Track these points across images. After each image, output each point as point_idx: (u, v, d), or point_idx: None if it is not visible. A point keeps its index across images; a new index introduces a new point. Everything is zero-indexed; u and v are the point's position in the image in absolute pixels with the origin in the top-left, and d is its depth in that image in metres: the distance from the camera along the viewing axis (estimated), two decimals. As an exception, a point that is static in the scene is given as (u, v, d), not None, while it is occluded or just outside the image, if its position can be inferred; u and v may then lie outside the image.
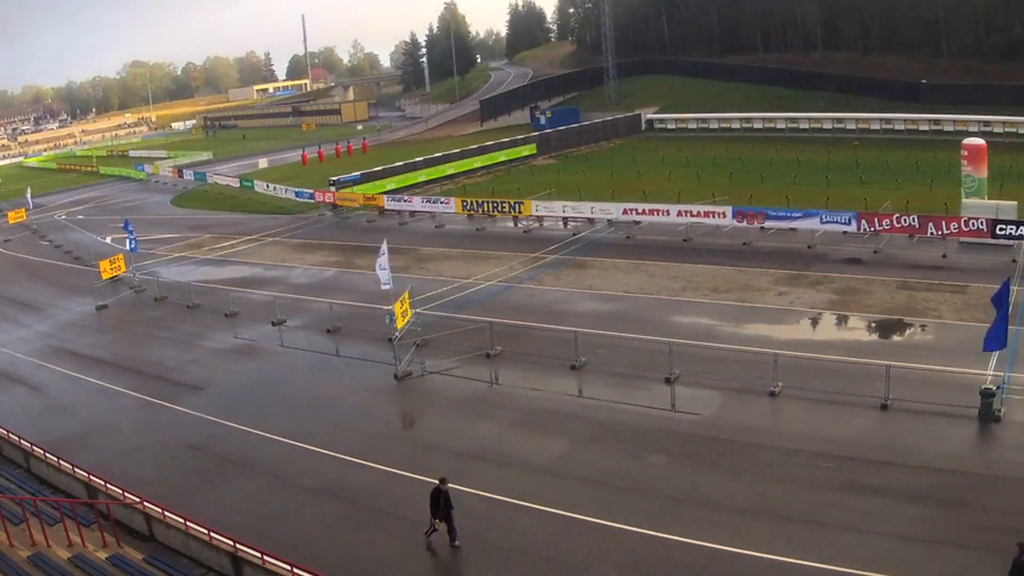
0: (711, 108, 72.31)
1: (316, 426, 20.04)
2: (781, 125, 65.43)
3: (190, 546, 14.69)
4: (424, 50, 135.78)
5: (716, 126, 69.15)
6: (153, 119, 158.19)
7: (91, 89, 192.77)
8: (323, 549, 14.80)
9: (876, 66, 70.84)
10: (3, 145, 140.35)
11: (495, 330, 23.74)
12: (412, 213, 46.61)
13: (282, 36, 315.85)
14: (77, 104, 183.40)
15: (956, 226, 29.93)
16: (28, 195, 60.53)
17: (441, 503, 14.41)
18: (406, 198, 48.30)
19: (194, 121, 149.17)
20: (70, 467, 17.54)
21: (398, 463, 17.82)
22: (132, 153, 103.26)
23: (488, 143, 63.52)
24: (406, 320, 23.58)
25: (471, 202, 43.94)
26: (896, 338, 23.08)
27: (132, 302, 32.63)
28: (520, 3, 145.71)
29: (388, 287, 24.63)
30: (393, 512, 16.04)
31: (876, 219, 31.67)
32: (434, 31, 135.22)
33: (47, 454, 18.31)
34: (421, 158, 58.10)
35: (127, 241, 36.17)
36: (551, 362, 22.41)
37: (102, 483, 16.61)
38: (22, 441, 19.18)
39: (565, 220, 40.45)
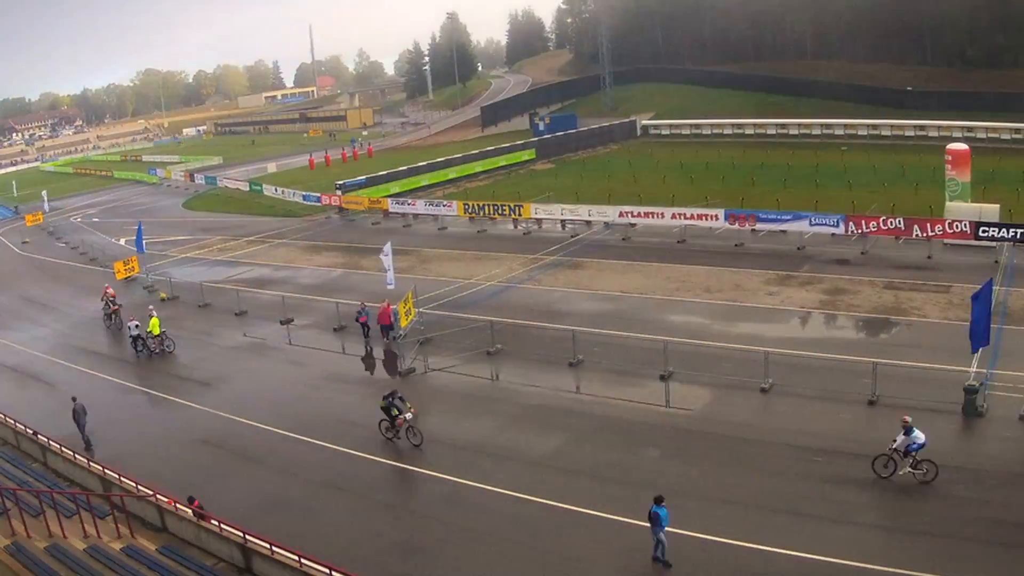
0: (704, 114, 72.80)
1: (323, 421, 20.57)
2: (772, 131, 65.91)
3: (201, 537, 15.06)
4: (427, 58, 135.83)
5: (709, 132, 69.61)
6: (165, 125, 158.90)
7: (106, 96, 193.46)
8: (330, 541, 15.20)
9: (863, 74, 71.44)
10: (21, 151, 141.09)
11: (495, 329, 24.24)
12: (415, 216, 47.26)
13: (290, 45, 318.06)
14: (92, 111, 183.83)
15: (940, 228, 30.62)
16: (44, 198, 61.15)
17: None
18: (410, 201, 49.09)
19: (204, 127, 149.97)
20: (85, 461, 18.03)
21: (402, 457, 18.40)
22: (145, 158, 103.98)
23: (489, 148, 64.26)
24: (410, 319, 24.19)
25: (472, 205, 44.62)
26: (883, 336, 23.58)
27: (145, 302, 33.07)
28: (520, 13, 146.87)
29: (391, 286, 25.22)
30: (397, 504, 16.62)
31: (863, 221, 32.32)
32: (436, 40, 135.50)
33: (63, 448, 18.78)
34: (424, 163, 58.95)
35: (136, 241, 36.74)
36: (550, 359, 22.95)
37: (116, 477, 17.01)
38: (39, 436, 19.63)
39: (563, 222, 41.14)
